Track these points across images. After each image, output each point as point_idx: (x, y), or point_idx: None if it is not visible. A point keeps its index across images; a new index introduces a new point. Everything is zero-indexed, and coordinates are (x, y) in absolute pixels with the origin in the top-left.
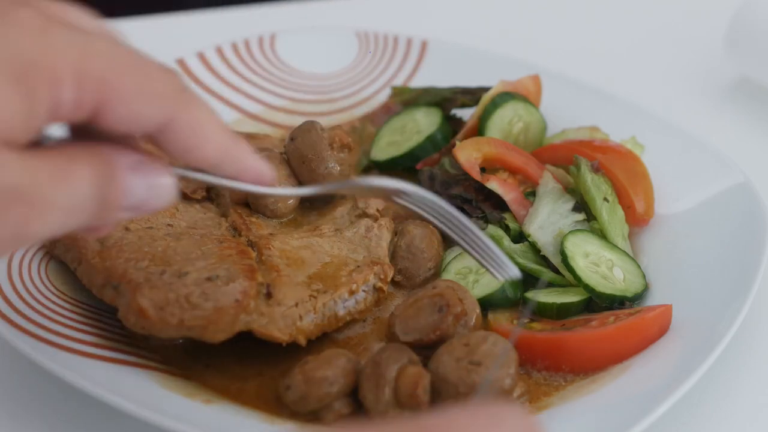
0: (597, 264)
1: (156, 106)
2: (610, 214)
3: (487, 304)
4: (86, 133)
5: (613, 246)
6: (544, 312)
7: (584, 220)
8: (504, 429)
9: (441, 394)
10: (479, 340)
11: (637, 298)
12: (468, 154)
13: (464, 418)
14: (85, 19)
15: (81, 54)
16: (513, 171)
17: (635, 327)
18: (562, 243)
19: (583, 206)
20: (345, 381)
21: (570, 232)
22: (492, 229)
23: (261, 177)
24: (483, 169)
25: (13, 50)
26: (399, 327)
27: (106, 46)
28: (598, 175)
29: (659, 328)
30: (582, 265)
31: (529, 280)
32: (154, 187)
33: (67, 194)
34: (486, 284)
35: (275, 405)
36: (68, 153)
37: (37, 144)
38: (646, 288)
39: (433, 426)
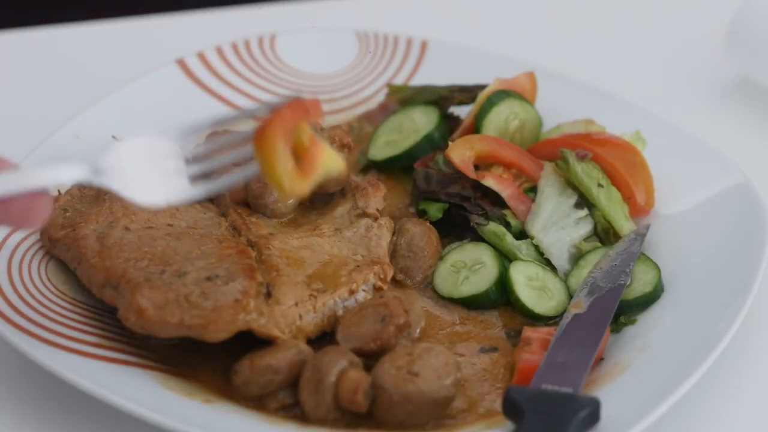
0: None
1: None
2: (608, 199)
3: (471, 303)
4: None
5: (645, 258)
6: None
7: (587, 215)
8: None
9: (376, 399)
10: (422, 351)
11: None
12: (461, 153)
13: None
14: None
15: None
16: (507, 166)
17: None
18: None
19: (581, 198)
20: (290, 372)
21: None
22: (493, 225)
23: None
24: (477, 167)
25: None
26: (341, 334)
27: None
28: (586, 162)
29: None
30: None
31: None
32: None
33: None
34: (475, 283)
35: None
36: None
37: None
38: (642, 295)
39: None
